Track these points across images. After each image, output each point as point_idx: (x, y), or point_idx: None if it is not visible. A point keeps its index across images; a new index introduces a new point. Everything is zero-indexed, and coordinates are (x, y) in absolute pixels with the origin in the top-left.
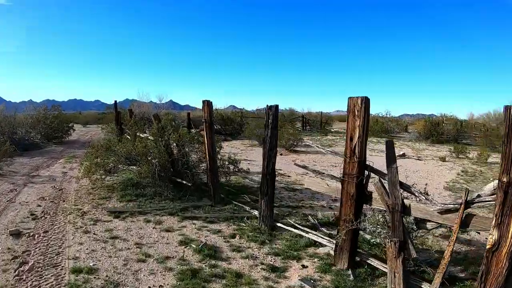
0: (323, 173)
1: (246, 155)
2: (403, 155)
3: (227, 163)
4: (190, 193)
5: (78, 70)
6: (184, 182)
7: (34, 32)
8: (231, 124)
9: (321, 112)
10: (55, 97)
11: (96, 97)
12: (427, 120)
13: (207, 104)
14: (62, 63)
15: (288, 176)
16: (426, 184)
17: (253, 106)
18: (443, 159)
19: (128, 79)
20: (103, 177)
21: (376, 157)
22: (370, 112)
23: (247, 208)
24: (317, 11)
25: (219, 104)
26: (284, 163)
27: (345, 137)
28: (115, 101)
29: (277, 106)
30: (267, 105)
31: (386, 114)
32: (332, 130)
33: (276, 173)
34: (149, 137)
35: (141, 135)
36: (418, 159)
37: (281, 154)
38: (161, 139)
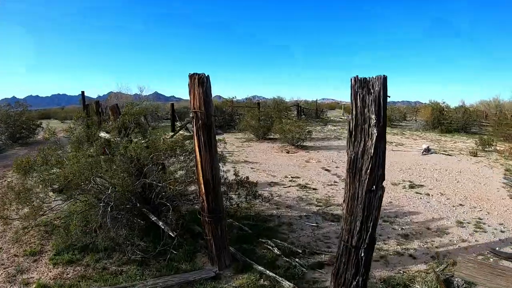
0: None
1: (245, 154)
2: (428, 150)
3: (238, 193)
4: (174, 246)
5: (63, 64)
6: (161, 225)
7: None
8: (221, 115)
9: (316, 100)
10: (38, 92)
11: (80, 90)
12: (434, 107)
13: (199, 82)
14: (46, 55)
15: (314, 189)
16: None
17: (239, 96)
18: (473, 153)
19: (115, 72)
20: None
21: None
22: None
23: (280, 279)
24: None
25: None
26: (297, 164)
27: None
28: (82, 92)
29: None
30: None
31: None
32: (330, 118)
33: (294, 181)
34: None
35: (102, 134)
36: (448, 155)
37: (288, 152)
38: (118, 149)
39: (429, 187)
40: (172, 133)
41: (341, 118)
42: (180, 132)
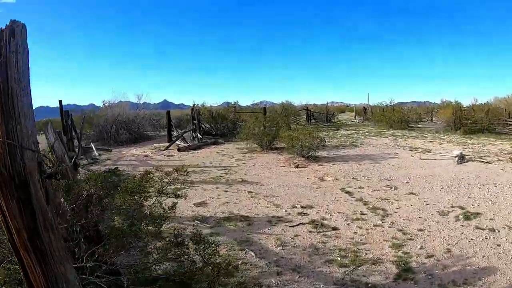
0: None
1: (245, 170)
2: (462, 158)
3: None
4: None
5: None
6: None
7: None
8: (222, 122)
9: (327, 103)
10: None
11: (71, 100)
12: (455, 107)
13: None
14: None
15: (334, 228)
16: None
17: (247, 101)
18: None
19: (119, 80)
20: None
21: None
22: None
23: None
24: None
25: (211, 100)
26: (308, 185)
27: (362, 131)
28: (60, 102)
29: None
30: None
31: (390, 103)
32: (342, 122)
33: (305, 214)
34: None
35: None
36: (487, 163)
37: (296, 166)
38: None
39: (488, 215)
40: (168, 144)
41: (353, 121)
42: (177, 142)
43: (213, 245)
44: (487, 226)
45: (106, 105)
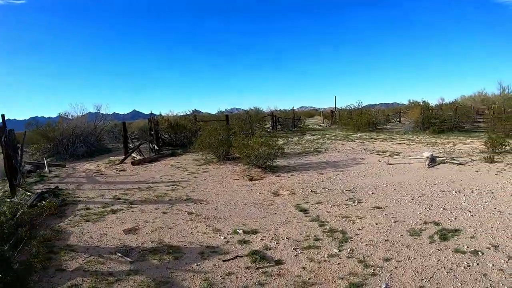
0: None
1: (194, 185)
2: (433, 160)
3: None
4: None
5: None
6: None
7: None
8: (182, 132)
9: (293, 108)
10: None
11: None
12: (423, 107)
13: None
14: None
15: (278, 261)
16: None
17: (214, 109)
18: (489, 159)
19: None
20: None
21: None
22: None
23: None
24: None
25: (179, 109)
26: (259, 201)
27: (328, 136)
28: (2, 116)
29: None
30: None
31: (358, 105)
32: (308, 126)
33: (246, 242)
34: None
35: None
36: (460, 164)
37: (250, 179)
38: None
39: (468, 231)
40: (123, 157)
41: (320, 126)
42: (132, 155)
43: None
44: (468, 247)
45: (64, 117)
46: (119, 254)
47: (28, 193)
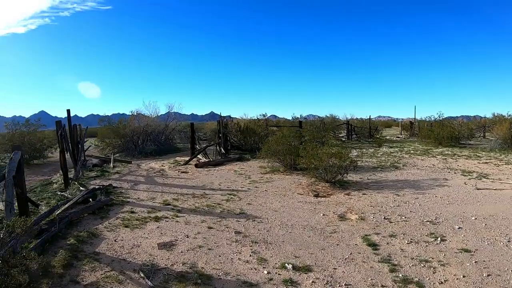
0: None
1: (253, 196)
2: None
3: None
4: None
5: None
6: None
7: None
8: (251, 137)
9: (370, 117)
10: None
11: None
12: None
13: None
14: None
15: None
16: None
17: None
18: None
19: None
20: None
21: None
22: (424, 115)
23: None
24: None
25: (253, 113)
26: (320, 226)
27: (406, 149)
28: (68, 111)
29: None
30: None
31: (439, 117)
32: (385, 138)
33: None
34: None
35: None
36: None
37: (316, 195)
38: None
39: None
40: (188, 158)
41: (398, 137)
42: (198, 156)
43: None
44: None
45: (135, 114)
46: (142, 275)
47: (82, 188)
